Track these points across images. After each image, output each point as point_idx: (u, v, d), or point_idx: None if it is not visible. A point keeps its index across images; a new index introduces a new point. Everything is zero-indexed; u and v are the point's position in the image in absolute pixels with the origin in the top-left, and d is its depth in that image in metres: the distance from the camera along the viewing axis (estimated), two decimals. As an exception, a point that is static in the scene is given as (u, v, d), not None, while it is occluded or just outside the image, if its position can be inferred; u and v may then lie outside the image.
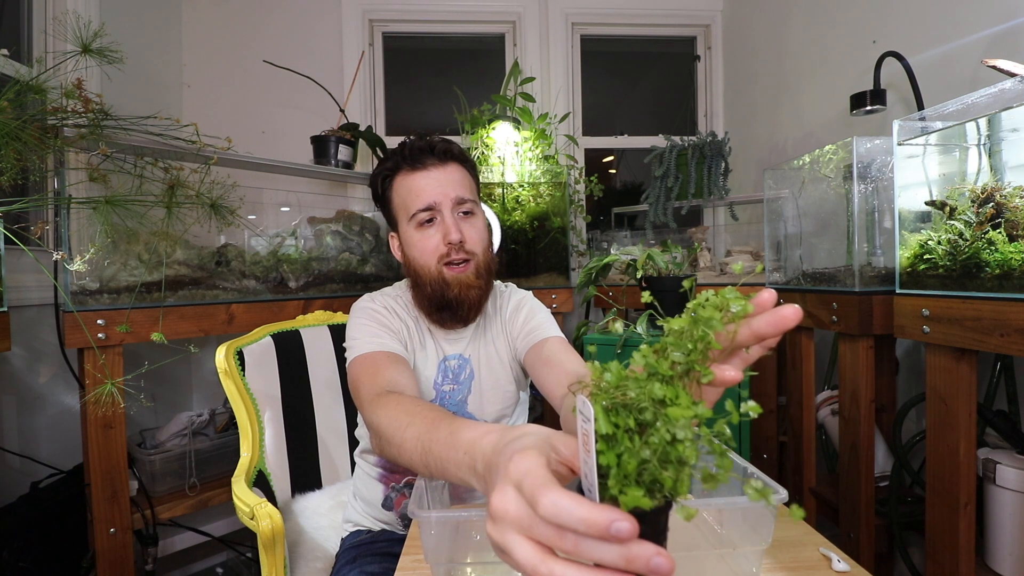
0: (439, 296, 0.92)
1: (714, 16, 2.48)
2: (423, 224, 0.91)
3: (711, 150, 1.94)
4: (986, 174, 1.05)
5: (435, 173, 0.91)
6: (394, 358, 0.86)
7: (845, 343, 1.29)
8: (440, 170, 0.92)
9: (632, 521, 0.29)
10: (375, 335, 0.90)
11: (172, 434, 1.55)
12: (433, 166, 0.92)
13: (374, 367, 0.83)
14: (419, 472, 0.59)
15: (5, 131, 0.98)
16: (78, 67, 1.17)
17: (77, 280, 1.22)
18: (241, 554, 1.86)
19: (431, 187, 0.91)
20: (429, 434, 0.57)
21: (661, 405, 0.32)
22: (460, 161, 0.95)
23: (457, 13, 2.37)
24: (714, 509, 0.59)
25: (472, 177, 0.97)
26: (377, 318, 0.93)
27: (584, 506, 0.30)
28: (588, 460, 0.33)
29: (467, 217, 0.93)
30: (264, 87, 2.17)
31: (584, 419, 0.33)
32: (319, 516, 1.12)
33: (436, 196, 0.90)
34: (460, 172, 0.94)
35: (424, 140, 0.93)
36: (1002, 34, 1.23)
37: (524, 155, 1.96)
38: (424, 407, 0.65)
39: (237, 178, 1.41)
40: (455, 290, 0.91)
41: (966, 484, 0.98)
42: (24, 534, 1.25)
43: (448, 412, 0.63)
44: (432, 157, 0.92)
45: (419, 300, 0.97)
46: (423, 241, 0.92)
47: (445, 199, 0.90)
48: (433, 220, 0.91)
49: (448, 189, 0.91)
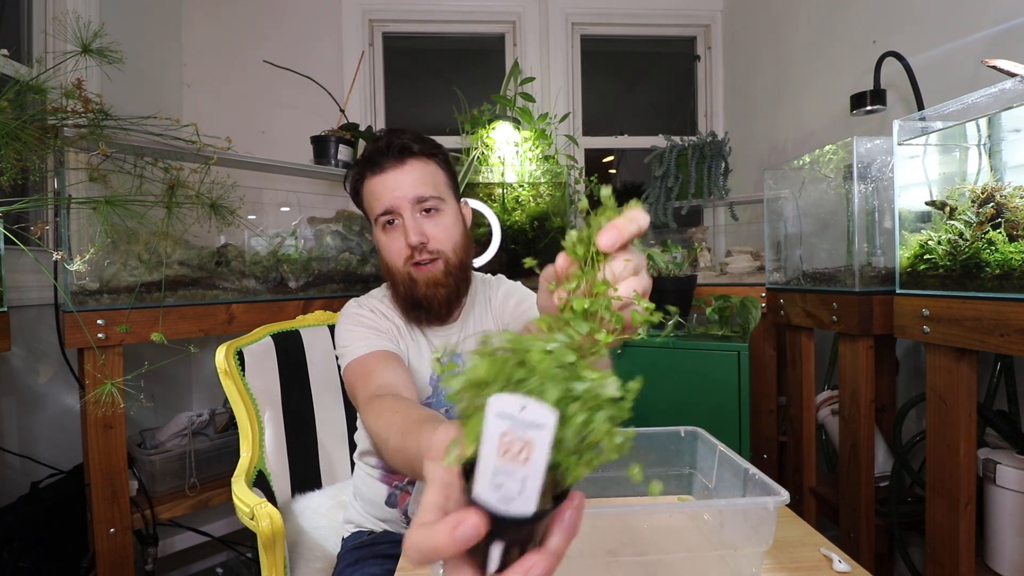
0: (410, 295, 0.92)
1: (714, 16, 2.47)
2: (386, 227, 0.92)
3: (711, 150, 1.94)
4: (986, 174, 1.05)
5: (392, 175, 0.89)
6: (385, 356, 0.86)
7: (845, 343, 1.29)
8: (397, 171, 0.89)
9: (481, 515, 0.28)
10: (363, 338, 0.89)
11: (172, 434, 1.55)
12: (391, 167, 0.90)
13: (366, 371, 0.83)
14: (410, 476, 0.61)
15: (5, 131, 0.98)
16: (78, 67, 1.17)
17: (77, 280, 1.22)
18: (241, 554, 1.86)
19: (388, 190, 0.89)
20: (405, 440, 0.59)
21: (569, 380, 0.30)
22: (423, 156, 0.92)
23: (457, 13, 2.37)
24: (715, 510, 0.59)
25: (441, 169, 0.95)
26: (364, 321, 0.93)
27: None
28: (513, 469, 0.28)
29: (431, 215, 0.91)
30: (264, 87, 2.17)
31: (520, 424, 0.28)
32: (319, 516, 1.12)
33: (393, 199, 0.89)
34: (421, 169, 0.91)
35: (383, 140, 0.91)
36: (1002, 34, 1.23)
37: (524, 155, 1.96)
38: (408, 412, 0.66)
39: (237, 178, 1.41)
40: (423, 289, 0.91)
41: (966, 484, 0.98)
42: (24, 534, 1.25)
43: (432, 414, 0.64)
44: (388, 159, 0.90)
45: (395, 300, 0.97)
46: (389, 244, 0.92)
47: (403, 201, 0.89)
48: (395, 222, 0.91)
49: (405, 190, 0.89)
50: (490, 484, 0.28)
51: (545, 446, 0.27)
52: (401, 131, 0.92)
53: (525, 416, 0.28)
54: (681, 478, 0.78)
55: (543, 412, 0.28)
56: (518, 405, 0.28)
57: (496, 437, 0.28)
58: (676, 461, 0.78)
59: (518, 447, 0.28)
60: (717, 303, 1.51)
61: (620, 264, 0.36)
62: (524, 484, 0.28)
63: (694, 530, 0.58)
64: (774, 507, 0.54)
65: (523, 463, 0.28)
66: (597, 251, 0.36)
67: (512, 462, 0.28)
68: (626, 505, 0.68)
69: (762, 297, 1.62)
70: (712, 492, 0.71)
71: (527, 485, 0.28)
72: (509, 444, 0.28)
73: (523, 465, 0.28)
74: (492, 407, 0.28)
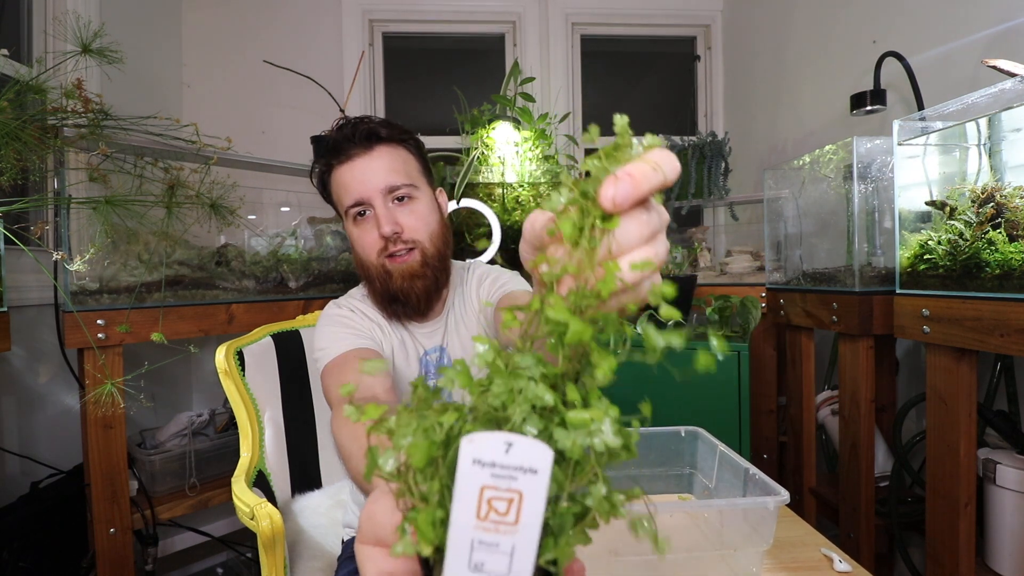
0: (385, 289, 0.87)
1: (714, 16, 2.47)
2: (357, 219, 0.86)
3: (711, 150, 1.94)
4: (986, 174, 1.05)
5: (360, 163, 0.85)
6: (363, 355, 0.82)
7: (845, 343, 1.29)
8: (366, 159, 0.85)
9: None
10: (339, 339, 0.85)
11: (172, 434, 1.55)
12: (358, 156, 0.85)
13: (340, 372, 0.79)
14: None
15: (5, 131, 0.98)
16: (78, 67, 1.17)
17: (77, 280, 1.22)
18: (241, 554, 1.86)
19: (356, 180, 0.84)
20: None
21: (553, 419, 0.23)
22: (391, 142, 0.87)
23: (457, 13, 2.37)
24: (715, 510, 0.59)
25: (413, 155, 0.90)
26: (342, 322, 0.89)
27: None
28: (496, 539, 0.21)
29: (404, 203, 0.86)
30: (264, 87, 2.17)
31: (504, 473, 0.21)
32: (319, 516, 1.12)
33: (363, 189, 0.84)
34: (391, 155, 0.86)
35: (348, 127, 0.86)
36: (1002, 34, 1.23)
37: (524, 155, 1.96)
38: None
39: (237, 178, 1.41)
40: (398, 282, 0.86)
41: (966, 484, 0.98)
42: (24, 534, 1.25)
43: None
44: (355, 146, 0.84)
45: (373, 297, 0.93)
46: (361, 236, 0.87)
47: (374, 191, 0.84)
48: (366, 213, 0.86)
49: (376, 179, 0.84)
50: (466, 566, 0.21)
51: (540, 498, 0.21)
52: (367, 117, 0.87)
53: (512, 459, 0.21)
54: (681, 478, 0.78)
55: (536, 450, 0.21)
56: (502, 445, 0.21)
57: (474, 494, 0.21)
58: (676, 461, 0.78)
59: (504, 505, 0.21)
60: (717, 303, 1.51)
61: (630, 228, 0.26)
62: (513, 558, 0.21)
63: (694, 530, 0.58)
64: (774, 507, 0.54)
65: (511, 526, 0.21)
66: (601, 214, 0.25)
67: (497, 528, 0.21)
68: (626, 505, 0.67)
69: (762, 297, 1.62)
70: (712, 492, 0.71)
71: (518, 558, 0.21)
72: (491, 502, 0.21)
73: (511, 529, 0.21)
74: (466, 452, 0.21)
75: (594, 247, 0.25)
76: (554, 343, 0.24)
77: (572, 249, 0.26)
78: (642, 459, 0.78)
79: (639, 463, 0.78)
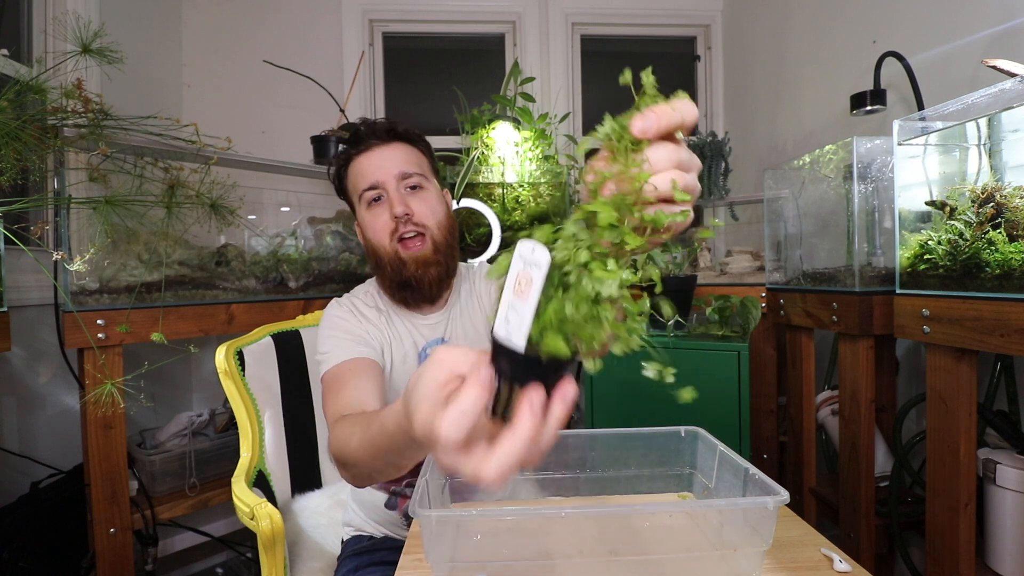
0: (398, 276, 0.91)
1: (714, 16, 2.47)
2: (371, 203, 0.92)
3: (711, 150, 1.94)
4: (986, 174, 1.05)
5: (378, 152, 0.93)
6: (359, 367, 0.84)
7: (845, 343, 1.29)
8: (383, 149, 0.93)
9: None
10: (339, 345, 0.88)
11: (172, 434, 1.55)
12: (376, 146, 0.93)
13: (338, 386, 0.81)
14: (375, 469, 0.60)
15: (5, 131, 0.98)
16: (78, 67, 1.17)
17: (77, 280, 1.22)
18: (241, 554, 1.86)
19: (374, 165, 0.92)
20: (368, 430, 0.57)
21: (585, 268, 0.33)
22: (406, 140, 0.96)
23: (457, 13, 2.37)
24: (715, 510, 0.59)
25: (423, 155, 0.98)
26: (342, 325, 0.92)
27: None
28: (518, 304, 0.33)
29: (415, 192, 0.93)
30: (264, 87, 2.17)
31: (529, 263, 0.33)
32: (319, 516, 1.12)
33: (379, 174, 0.91)
34: (404, 150, 0.94)
35: (368, 123, 0.95)
36: (1002, 34, 1.23)
37: (524, 155, 1.96)
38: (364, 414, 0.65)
39: (237, 178, 1.41)
40: (411, 268, 0.90)
41: (966, 484, 0.98)
42: (24, 534, 1.25)
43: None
44: (374, 138, 0.93)
45: (383, 284, 0.97)
46: (374, 220, 0.92)
47: (388, 176, 0.91)
48: (380, 198, 0.92)
49: (391, 165, 0.92)
50: (504, 319, 0.34)
51: (539, 282, 0.32)
52: (382, 119, 0.97)
53: (533, 256, 0.32)
54: (681, 478, 0.78)
55: (544, 253, 0.32)
56: (531, 247, 0.33)
57: (514, 275, 0.33)
58: (676, 461, 0.78)
59: (526, 284, 0.33)
60: (717, 303, 1.51)
61: (660, 154, 0.33)
62: (522, 317, 0.32)
63: (694, 530, 0.58)
64: (774, 507, 0.54)
65: (524, 298, 0.32)
66: (633, 140, 0.34)
67: (519, 297, 0.33)
68: (626, 505, 0.68)
69: (762, 297, 1.62)
70: (712, 492, 0.71)
71: (523, 318, 0.32)
72: (519, 280, 0.33)
73: (524, 300, 0.32)
74: (518, 249, 0.34)
75: (630, 164, 0.34)
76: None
77: (612, 161, 0.35)
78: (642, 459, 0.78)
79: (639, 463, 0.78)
